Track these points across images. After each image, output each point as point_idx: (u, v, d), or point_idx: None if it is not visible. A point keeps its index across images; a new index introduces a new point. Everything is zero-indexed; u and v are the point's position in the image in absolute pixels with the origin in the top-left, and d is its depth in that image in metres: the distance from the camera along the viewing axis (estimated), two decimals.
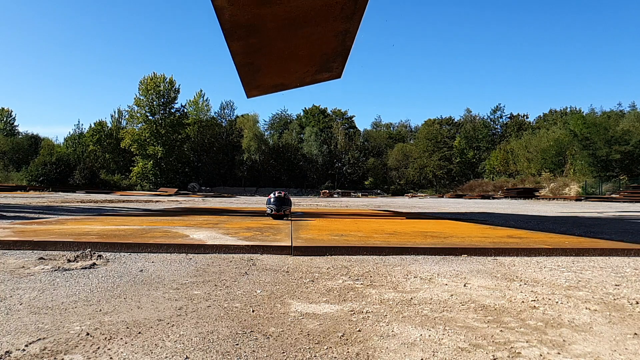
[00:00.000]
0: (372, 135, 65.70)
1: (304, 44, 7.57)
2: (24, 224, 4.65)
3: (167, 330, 1.40)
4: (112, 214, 7.34)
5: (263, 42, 7.03)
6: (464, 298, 1.86)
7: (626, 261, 2.90)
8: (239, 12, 5.64)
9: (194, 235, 3.65)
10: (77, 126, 60.01)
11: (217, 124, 56.57)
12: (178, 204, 13.27)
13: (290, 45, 7.54)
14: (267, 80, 10.74)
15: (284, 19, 6.07)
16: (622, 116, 42.42)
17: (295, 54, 8.24)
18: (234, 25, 6.09)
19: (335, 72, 9.51)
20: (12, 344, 1.25)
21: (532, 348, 1.29)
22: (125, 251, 2.98)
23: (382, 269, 2.50)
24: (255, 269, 2.46)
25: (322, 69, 9.46)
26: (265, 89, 11.25)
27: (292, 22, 6.31)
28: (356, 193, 44.95)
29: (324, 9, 5.90)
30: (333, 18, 6.17)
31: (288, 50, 7.93)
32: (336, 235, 3.89)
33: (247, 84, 10.37)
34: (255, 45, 7.09)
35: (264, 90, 11.66)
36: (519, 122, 57.94)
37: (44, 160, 41.51)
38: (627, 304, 1.80)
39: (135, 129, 48.15)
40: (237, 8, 5.50)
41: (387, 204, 18.29)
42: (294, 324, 1.48)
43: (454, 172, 54.77)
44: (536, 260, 2.87)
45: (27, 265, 2.45)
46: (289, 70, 9.85)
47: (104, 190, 35.61)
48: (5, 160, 47.72)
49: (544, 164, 40.84)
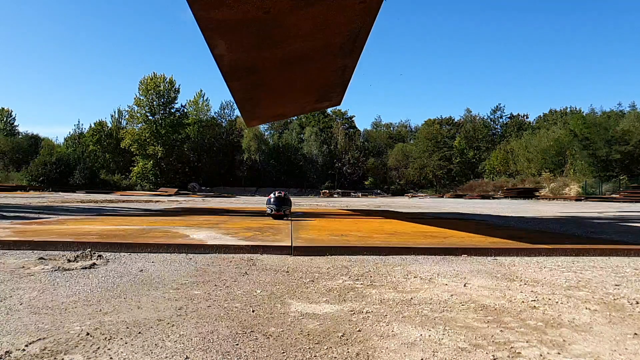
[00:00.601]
0: (372, 135, 65.67)
1: (303, 79, 7.66)
2: (24, 224, 4.65)
3: (167, 330, 1.40)
4: (112, 214, 7.34)
5: (262, 80, 7.11)
6: (464, 298, 1.86)
7: (626, 261, 2.90)
8: (238, 57, 5.68)
9: (194, 235, 3.65)
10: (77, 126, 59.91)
11: (217, 124, 56.53)
12: (178, 204, 13.27)
13: (290, 81, 7.63)
14: (266, 111, 10.87)
15: (284, 59, 6.12)
16: (622, 116, 42.37)
17: (295, 87, 8.35)
18: (233, 69, 6.14)
19: (334, 100, 9.67)
20: (12, 344, 1.25)
21: (532, 348, 1.29)
22: (125, 251, 2.98)
23: (382, 269, 2.50)
24: (255, 269, 2.46)
25: (322, 99, 9.60)
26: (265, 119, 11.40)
27: (291, 61, 6.37)
28: (356, 193, 44.92)
29: (323, 48, 5.95)
30: (332, 55, 6.23)
31: (288, 85, 8.03)
32: (336, 235, 3.89)
33: (247, 116, 10.53)
34: (255, 82, 7.17)
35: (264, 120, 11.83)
36: (519, 122, 57.93)
37: (44, 160, 41.48)
38: (627, 304, 1.80)
39: (135, 129, 48.10)
40: (236, 54, 5.54)
41: (387, 204, 18.28)
42: (294, 324, 1.48)
43: (454, 172, 54.74)
44: (536, 260, 2.87)
45: (27, 265, 2.45)
46: (288, 102, 10.00)
47: (104, 190, 35.59)
48: (5, 160, 47.70)
49: (544, 164, 40.82)
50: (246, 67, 6.15)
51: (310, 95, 9.13)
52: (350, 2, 4.42)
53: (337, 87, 8.29)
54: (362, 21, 4.96)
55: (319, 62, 6.60)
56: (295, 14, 4.56)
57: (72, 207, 10.30)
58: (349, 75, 7.31)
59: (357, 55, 6.19)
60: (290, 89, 8.43)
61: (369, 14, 4.77)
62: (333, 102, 9.92)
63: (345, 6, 4.53)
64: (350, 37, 5.40)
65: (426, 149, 55.75)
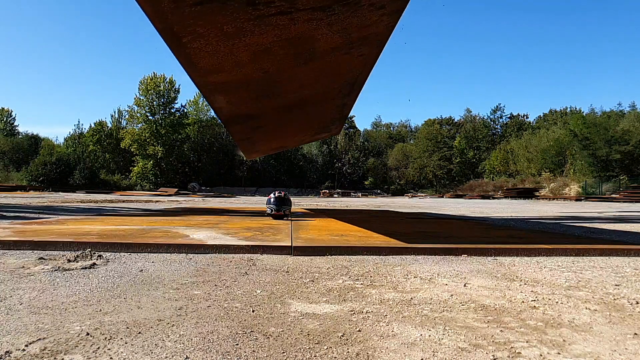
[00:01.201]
0: (372, 135, 65.66)
1: (302, 119, 7.76)
2: (24, 224, 4.65)
3: (167, 330, 1.40)
4: (112, 214, 7.34)
5: (262, 123, 7.22)
6: (464, 298, 1.86)
7: (626, 261, 2.90)
8: (237, 108, 5.74)
9: (194, 235, 3.65)
10: (77, 126, 60.02)
11: (217, 124, 56.43)
12: (178, 204, 13.26)
13: (289, 121, 7.73)
14: (266, 147, 11.08)
15: (283, 105, 6.16)
16: (622, 116, 42.37)
17: (294, 126, 8.48)
18: (232, 117, 6.20)
19: (333, 131, 9.88)
20: (12, 344, 1.25)
21: (532, 348, 1.29)
22: (125, 251, 2.98)
23: (382, 269, 2.50)
24: (255, 269, 2.46)
25: (321, 131, 9.79)
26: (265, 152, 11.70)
27: (291, 106, 6.44)
28: (356, 193, 44.92)
29: (323, 94, 6.04)
30: (331, 98, 6.31)
31: (287, 125, 8.16)
32: (336, 235, 3.89)
33: (246, 152, 10.77)
34: (254, 126, 7.28)
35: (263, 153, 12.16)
36: (519, 122, 57.92)
37: (44, 160, 41.47)
38: (627, 304, 1.80)
39: (135, 129, 48.09)
40: (235, 106, 5.59)
41: (387, 204, 18.28)
42: (294, 324, 1.48)
43: (454, 172, 54.73)
44: (536, 260, 2.87)
45: (27, 265, 2.45)
46: (287, 137, 10.21)
47: (104, 190, 35.59)
48: (5, 160, 47.67)
49: (544, 164, 40.83)
50: (245, 115, 6.22)
51: (309, 130, 9.31)
52: (349, 56, 4.46)
53: (335, 121, 8.45)
54: (360, 69, 5.03)
55: (318, 104, 6.70)
56: (294, 70, 4.59)
57: (72, 207, 10.30)
58: (347, 110, 7.43)
59: (356, 94, 6.28)
60: (289, 128, 8.60)
61: (367, 64, 4.83)
62: (332, 132, 10.20)
63: (344, 60, 4.57)
64: (349, 82, 5.47)
65: (426, 149, 55.75)
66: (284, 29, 3.61)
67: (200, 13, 3.12)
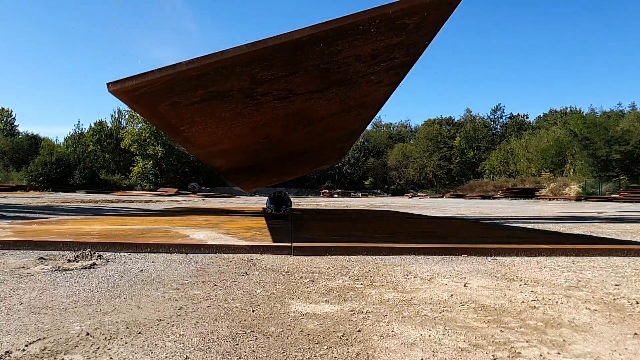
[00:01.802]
0: (372, 135, 65.65)
1: (301, 162, 7.84)
2: (24, 224, 4.65)
3: (167, 330, 1.40)
4: (112, 214, 7.34)
5: (260, 170, 7.33)
6: (464, 298, 1.86)
7: (626, 261, 2.90)
8: (236, 165, 5.82)
9: (194, 235, 3.65)
10: (77, 126, 60.05)
11: None
12: (178, 204, 13.26)
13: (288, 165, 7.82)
14: (264, 183, 11.36)
15: (282, 156, 6.24)
16: (622, 116, 42.39)
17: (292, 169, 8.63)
18: (231, 171, 6.27)
19: (331, 164, 10.14)
20: (12, 344, 1.25)
21: (532, 348, 1.29)
22: (125, 251, 2.98)
23: (382, 269, 2.50)
24: (255, 269, 2.46)
25: (318, 166, 10.00)
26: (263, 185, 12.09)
27: (290, 157, 6.52)
28: (356, 193, 44.92)
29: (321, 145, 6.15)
30: (330, 146, 6.41)
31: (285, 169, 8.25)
32: (336, 235, 3.89)
33: (244, 188, 11.04)
34: (252, 173, 7.39)
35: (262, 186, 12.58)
36: (519, 122, 57.93)
37: (44, 160, 41.48)
38: (627, 304, 1.80)
39: (135, 129, 48.13)
40: (234, 163, 5.66)
41: (387, 204, 18.28)
42: (294, 324, 1.48)
43: (454, 172, 54.74)
44: (536, 260, 2.87)
45: (27, 265, 2.45)
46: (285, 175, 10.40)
47: (104, 190, 35.59)
48: (5, 160, 47.69)
49: (544, 164, 40.83)
50: (244, 167, 6.29)
51: (307, 167, 9.52)
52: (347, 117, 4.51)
53: (333, 159, 8.59)
54: (359, 124, 5.10)
55: (317, 151, 6.81)
56: (293, 133, 4.65)
57: (72, 207, 10.30)
58: (347, 149, 7.60)
59: (355, 139, 6.38)
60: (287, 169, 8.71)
61: (366, 119, 4.91)
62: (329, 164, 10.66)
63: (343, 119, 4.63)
64: (348, 132, 5.56)
65: (426, 149, 55.76)
66: (282, 108, 3.65)
67: (197, 109, 3.16)
